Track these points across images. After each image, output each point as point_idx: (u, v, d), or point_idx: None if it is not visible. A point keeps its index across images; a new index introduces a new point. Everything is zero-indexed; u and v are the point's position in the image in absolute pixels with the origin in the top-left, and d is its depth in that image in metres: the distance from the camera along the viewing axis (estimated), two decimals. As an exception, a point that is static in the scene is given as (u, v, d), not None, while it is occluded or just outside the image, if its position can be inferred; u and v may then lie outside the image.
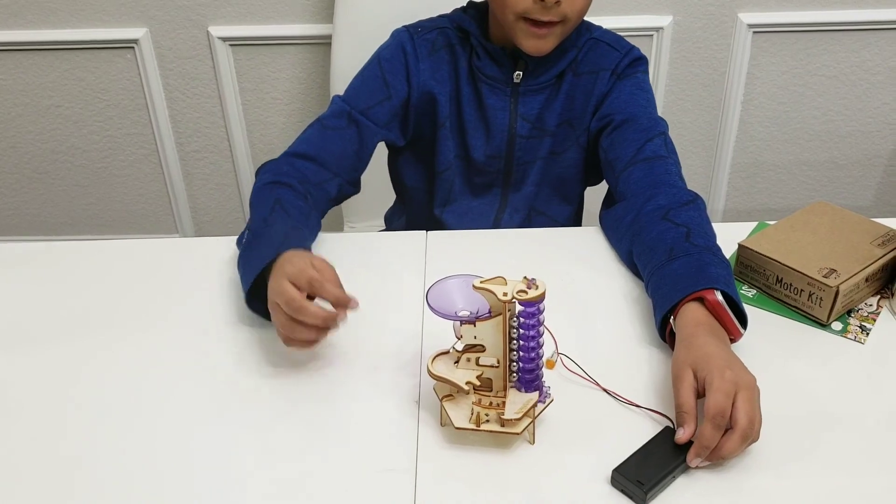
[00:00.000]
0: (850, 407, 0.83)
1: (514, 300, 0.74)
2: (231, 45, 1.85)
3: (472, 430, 0.78)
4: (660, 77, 1.88)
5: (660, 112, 1.90)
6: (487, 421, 0.77)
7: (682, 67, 1.89)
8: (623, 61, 1.15)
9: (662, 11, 1.81)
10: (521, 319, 0.76)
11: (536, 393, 0.79)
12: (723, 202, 2.07)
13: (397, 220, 1.35)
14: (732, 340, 0.87)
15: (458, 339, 0.77)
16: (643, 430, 0.80)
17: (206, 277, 1.05)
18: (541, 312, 0.75)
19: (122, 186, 2.06)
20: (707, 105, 1.94)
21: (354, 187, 1.17)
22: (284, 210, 1.02)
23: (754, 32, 1.83)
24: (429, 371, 0.79)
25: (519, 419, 0.77)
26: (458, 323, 0.76)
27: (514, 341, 0.77)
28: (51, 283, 1.05)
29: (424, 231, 1.13)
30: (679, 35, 1.84)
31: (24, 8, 1.80)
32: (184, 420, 0.84)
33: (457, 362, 0.79)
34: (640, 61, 1.17)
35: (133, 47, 1.84)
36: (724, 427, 0.74)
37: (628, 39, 1.19)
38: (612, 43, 1.16)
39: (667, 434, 0.78)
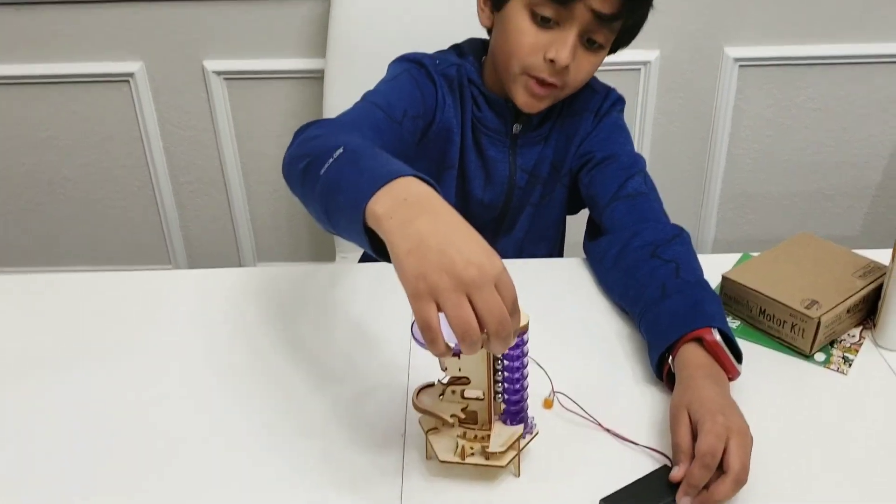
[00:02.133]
0: (834, 437, 0.84)
1: None
2: (225, 78, 1.87)
3: (457, 463, 0.78)
4: (648, 110, 1.90)
5: (648, 145, 1.96)
6: (472, 454, 0.78)
7: (670, 101, 1.91)
8: (605, 104, 1.17)
9: (649, 46, 1.84)
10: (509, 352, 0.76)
11: (521, 426, 0.80)
12: (712, 233, 2.09)
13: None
14: (731, 379, 0.87)
15: (444, 371, 0.78)
16: (637, 468, 0.80)
17: (200, 309, 1.06)
18: (525, 343, 0.76)
19: (116, 218, 2.08)
20: (695, 137, 1.97)
21: None
22: (373, 147, 0.81)
23: (740, 66, 1.86)
24: (414, 404, 0.79)
25: (504, 452, 0.78)
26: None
27: (499, 373, 0.78)
28: (44, 315, 1.06)
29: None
30: (666, 69, 1.87)
31: (20, 42, 1.82)
32: (172, 450, 0.84)
33: (442, 395, 0.79)
34: (618, 102, 1.19)
35: (128, 81, 1.87)
36: (713, 468, 0.74)
37: (616, 74, 1.22)
38: (594, 85, 1.17)
39: (662, 472, 0.79)
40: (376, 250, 0.71)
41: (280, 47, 1.84)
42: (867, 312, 1.01)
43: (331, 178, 0.76)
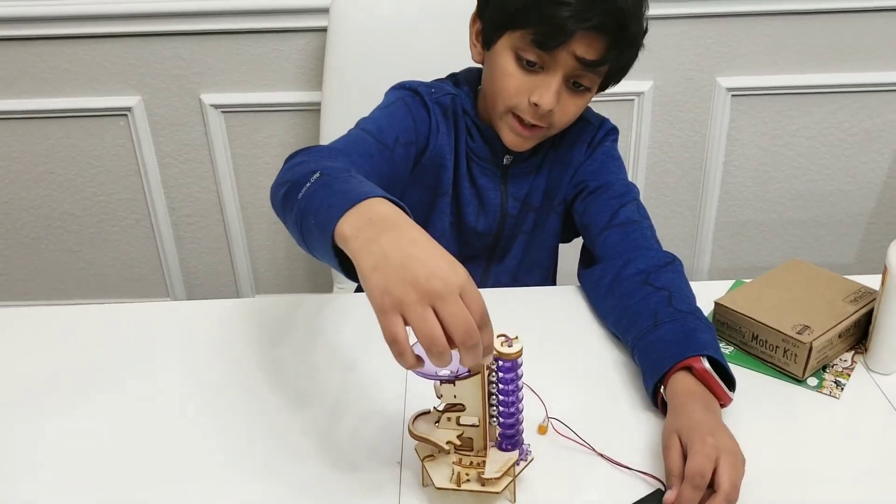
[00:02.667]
0: (827, 462, 0.85)
1: (504, 360, 0.75)
2: (223, 111, 1.89)
3: (454, 489, 0.78)
4: (642, 140, 1.92)
5: (643, 174, 1.97)
6: (468, 480, 0.78)
7: (664, 130, 1.93)
8: (598, 134, 1.18)
9: (643, 77, 1.86)
10: (500, 374, 0.77)
11: (517, 451, 0.80)
12: (707, 261, 2.10)
13: None
14: (723, 405, 0.88)
15: (439, 398, 0.79)
16: (632, 492, 0.81)
17: (198, 341, 1.06)
18: (519, 367, 0.77)
19: (113, 251, 2.09)
20: (689, 167, 1.98)
21: None
22: (348, 171, 0.84)
23: (733, 96, 1.88)
24: (410, 431, 0.80)
25: (499, 478, 0.78)
26: (439, 382, 0.78)
27: (494, 397, 0.78)
28: (43, 348, 1.06)
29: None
30: (659, 99, 1.89)
31: (18, 77, 1.84)
32: (168, 480, 0.84)
33: (437, 422, 0.80)
34: (612, 132, 1.20)
35: (126, 115, 1.88)
36: (703, 488, 0.75)
37: (610, 104, 1.23)
38: (588, 116, 1.18)
39: (656, 496, 0.79)
40: (347, 271, 0.73)
41: (277, 80, 1.86)
42: (858, 337, 1.01)
43: (305, 202, 0.79)
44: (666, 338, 0.92)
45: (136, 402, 0.96)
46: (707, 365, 0.87)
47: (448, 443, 0.78)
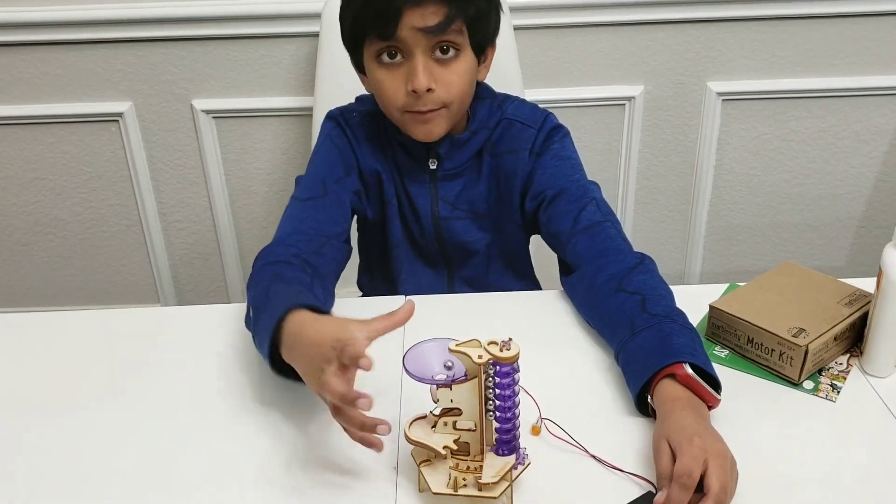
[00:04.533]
0: (823, 464, 0.85)
1: (489, 362, 0.76)
2: (214, 117, 1.88)
3: (450, 494, 0.78)
4: (633, 144, 1.92)
5: (634, 179, 1.98)
6: (465, 485, 0.78)
7: (655, 135, 1.94)
8: (538, 139, 1.16)
9: (633, 81, 1.87)
10: (497, 379, 0.77)
11: (513, 456, 0.80)
12: (699, 265, 2.10)
13: (367, 283, 1.36)
14: (711, 407, 0.88)
15: (435, 402, 0.79)
16: (623, 494, 0.81)
17: (188, 347, 1.06)
18: (516, 372, 0.77)
19: (104, 257, 2.07)
20: (680, 171, 1.99)
21: (349, 245, 1.16)
22: (283, 280, 0.98)
23: (723, 100, 1.89)
24: (406, 436, 0.80)
25: (496, 482, 0.78)
26: (435, 387, 0.78)
27: (491, 402, 0.78)
28: (32, 355, 1.06)
29: (403, 296, 1.15)
30: (650, 104, 1.90)
31: (9, 84, 1.83)
32: (161, 488, 0.84)
33: (434, 427, 0.80)
34: (554, 131, 1.18)
35: (117, 120, 1.88)
36: (691, 488, 0.76)
37: (601, 109, 1.22)
38: (526, 120, 1.17)
39: (647, 497, 0.80)
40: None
41: (268, 86, 1.85)
42: (854, 340, 1.02)
43: (254, 337, 0.96)
44: (644, 346, 0.92)
45: (127, 408, 0.95)
46: (689, 370, 0.87)
47: (445, 447, 0.78)
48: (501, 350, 0.75)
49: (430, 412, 0.81)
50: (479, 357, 0.75)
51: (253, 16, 1.76)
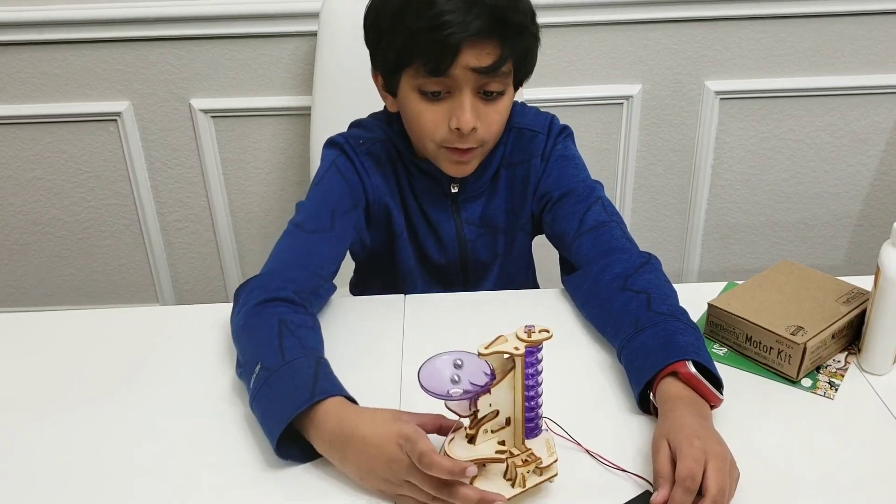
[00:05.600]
0: (822, 462, 0.85)
1: (528, 348, 0.75)
2: (212, 116, 1.88)
3: (521, 492, 0.78)
4: (631, 143, 1.93)
5: (632, 178, 1.98)
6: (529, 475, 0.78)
7: (653, 134, 1.94)
8: (548, 144, 1.16)
9: (632, 80, 1.87)
10: (527, 369, 0.76)
11: (546, 432, 0.81)
12: (697, 263, 2.11)
13: (361, 290, 1.35)
14: (713, 406, 0.88)
15: (460, 416, 0.77)
16: (621, 493, 0.81)
17: (187, 346, 1.06)
18: (539, 351, 0.76)
19: (103, 257, 2.08)
20: (678, 170, 1.99)
21: (335, 285, 1.11)
22: (293, 334, 0.92)
23: (721, 99, 1.89)
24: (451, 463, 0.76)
25: (553, 462, 0.79)
26: (473, 399, 0.76)
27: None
28: (31, 354, 1.06)
29: (402, 295, 1.15)
30: (648, 103, 1.90)
31: (7, 83, 1.83)
32: (161, 487, 0.84)
33: (471, 440, 0.78)
34: (561, 134, 1.18)
35: (116, 120, 1.88)
36: (695, 491, 0.76)
37: (599, 108, 1.22)
38: (533, 127, 1.17)
39: (644, 497, 0.80)
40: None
41: (266, 85, 1.85)
42: (852, 338, 1.02)
43: (255, 402, 0.89)
44: (647, 344, 0.92)
45: (125, 407, 0.95)
46: (692, 368, 0.87)
47: (497, 451, 0.77)
48: (530, 336, 0.75)
49: (454, 432, 0.79)
50: (516, 348, 0.74)
51: (251, 15, 1.76)
